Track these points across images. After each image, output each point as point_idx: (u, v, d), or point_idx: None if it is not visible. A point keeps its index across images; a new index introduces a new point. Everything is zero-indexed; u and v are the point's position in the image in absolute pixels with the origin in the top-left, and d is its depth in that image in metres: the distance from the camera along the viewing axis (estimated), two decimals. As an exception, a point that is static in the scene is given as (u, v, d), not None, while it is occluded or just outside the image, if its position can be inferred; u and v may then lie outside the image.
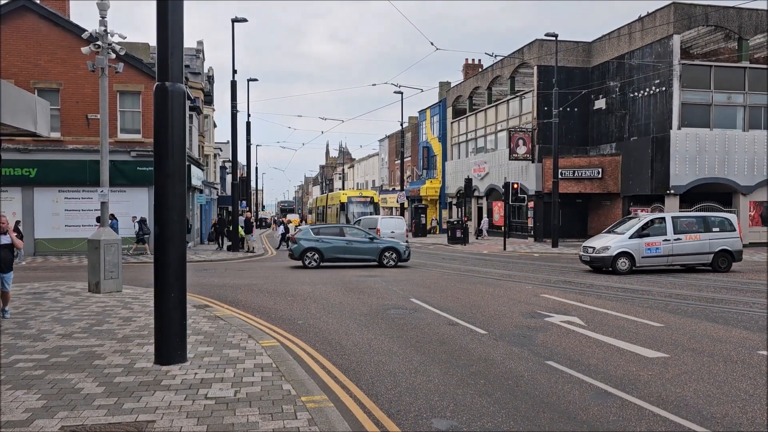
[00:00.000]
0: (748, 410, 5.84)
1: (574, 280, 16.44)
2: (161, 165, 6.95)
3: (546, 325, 10.03)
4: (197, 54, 41.12)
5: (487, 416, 5.68)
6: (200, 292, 13.89)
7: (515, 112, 36.63)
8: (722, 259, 18.23)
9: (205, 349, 7.78)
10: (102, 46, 15.07)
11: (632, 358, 7.84)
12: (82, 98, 24.48)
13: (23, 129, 8.07)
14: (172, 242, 6.95)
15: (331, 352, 8.18)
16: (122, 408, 5.47)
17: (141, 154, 24.93)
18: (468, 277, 17.48)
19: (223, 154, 58.11)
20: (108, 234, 13.45)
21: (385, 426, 5.44)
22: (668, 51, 27.66)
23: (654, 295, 13.51)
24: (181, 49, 7.03)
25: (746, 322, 10.20)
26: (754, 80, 28.58)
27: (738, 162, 28.26)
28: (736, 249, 18.27)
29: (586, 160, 32.34)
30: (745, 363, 7.57)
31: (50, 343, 8.04)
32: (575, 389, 6.49)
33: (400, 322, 10.33)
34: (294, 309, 11.73)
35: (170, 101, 6.92)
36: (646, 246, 17.82)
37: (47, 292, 13.16)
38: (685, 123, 27.77)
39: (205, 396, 5.84)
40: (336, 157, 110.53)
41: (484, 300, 12.77)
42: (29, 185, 24.44)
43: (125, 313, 10.43)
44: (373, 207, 39.63)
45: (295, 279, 16.94)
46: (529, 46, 34.50)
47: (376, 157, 75.37)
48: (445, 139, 48.32)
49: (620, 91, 31.33)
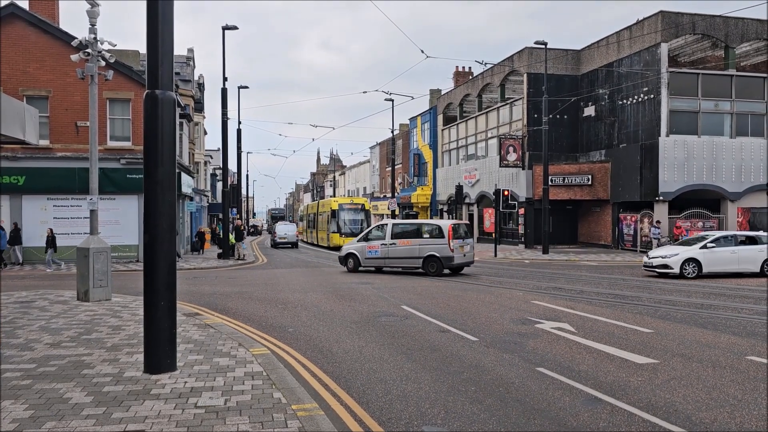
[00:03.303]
0: (737, 415, 5.88)
1: (564, 287, 16.51)
2: (151, 172, 6.93)
3: (536, 331, 10.06)
4: (188, 61, 41.11)
5: (477, 423, 5.68)
6: (190, 300, 13.82)
7: (505, 120, 36.82)
8: (431, 264, 20.15)
9: (195, 357, 7.73)
10: (92, 53, 15.01)
11: (622, 364, 7.88)
12: (72, 105, 24.36)
13: (12, 137, 8.03)
14: (162, 250, 6.92)
15: (322, 360, 8.16)
16: (111, 418, 5.43)
17: (131, 162, 24.82)
18: (458, 284, 17.50)
19: (214, 162, 58.01)
20: (97, 242, 13.36)
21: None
22: (656, 59, 27.92)
23: (643, 301, 13.58)
24: (171, 56, 7.03)
25: (734, 328, 10.28)
26: (741, 88, 28.89)
27: (726, 169, 28.52)
28: (444, 255, 19.95)
29: (576, 167, 32.53)
30: (733, 368, 7.62)
31: (38, 353, 7.97)
32: (566, 396, 6.51)
33: (391, 329, 10.33)
34: (285, 317, 11.70)
35: (160, 109, 6.92)
36: (368, 249, 21.40)
37: (35, 300, 13.04)
38: (673, 130, 28.01)
39: (195, 405, 5.81)
40: (327, 164, 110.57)
41: (475, 307, 12.79)
42: (17, 193, 24.26)
43: (114, 322, 10.36)
44: (364, 214, 39.60)
45: (286, 287, 16.90)
46: (519, 54, 34.73)
47: (367, 164, 75.46)
48: (436, 146, 48.46)
49: (609, 98, 31.59)
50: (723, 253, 19.04)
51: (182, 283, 16.65)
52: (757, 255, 19.09)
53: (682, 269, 18.87)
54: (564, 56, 34.18)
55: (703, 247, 19.11)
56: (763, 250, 19.05)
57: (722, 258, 19.00)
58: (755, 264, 19.04)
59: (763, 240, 19.40)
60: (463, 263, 20.75)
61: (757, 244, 19.27)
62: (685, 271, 18.86)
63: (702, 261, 18.91)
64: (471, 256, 21.28)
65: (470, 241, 21.30)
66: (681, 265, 18.88)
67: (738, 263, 19.01)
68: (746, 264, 19.03)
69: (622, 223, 30.56)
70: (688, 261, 18.92)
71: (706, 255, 18.97)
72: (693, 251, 19.11)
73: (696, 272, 18.87)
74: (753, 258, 19.07)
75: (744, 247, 19.23)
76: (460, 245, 20.33)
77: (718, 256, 19.00)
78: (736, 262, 19.01)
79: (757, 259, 19.05)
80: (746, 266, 19.04)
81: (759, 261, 19.03)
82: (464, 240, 20.73)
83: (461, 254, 20.39)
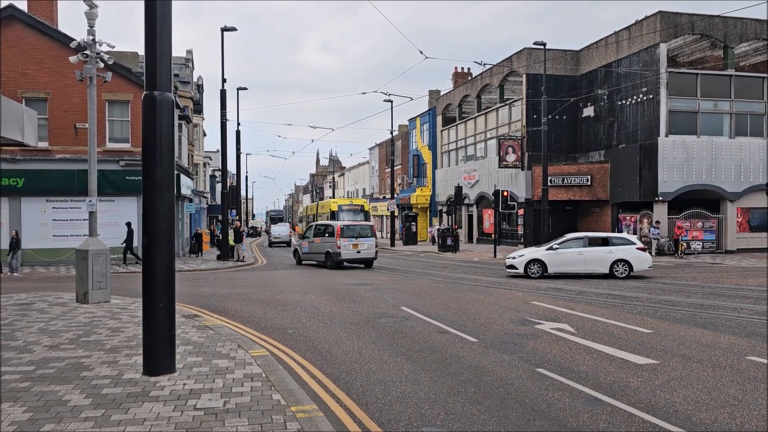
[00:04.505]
0: (737, 416, 5.87)
1: (563, 287, 16.49)
2: (149, 174, 6.92)
3: (536, 332, 10.05)
4: (186, 63, 41.07)
5: (477, 424, 5.66)
6: (190, 301, 13.80)
7: (504, 120, 36.82)
8: (328, 258, 24.00)
9: (194, 359, 7.72)
10: (90, 55, 14.99)
11: (622, 364, 7.86)
12: (71, 107, 24.36)
13: (10, 139, 8.02)
14: (161, 251, 6.91)
15: (321, 361, 8.14)
16: (110, 420, 5.41)
17: (130, 164, 24.81)
18: (458, 284, 17.49)
19: (213, 163, 57.98)
20: (96, 244, 13.34)
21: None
22: (655, 59, 27.94)
23: (643, 302, 13.57)
24: (169, 58, 7.02)
25: (734, 328, 10.27)
26: (740, 88, 28.93)
27: (725, 169, 28.53)
28: (333, 251, 23.37)
29: (575, 167, 32.53)
30: (733, 369, 7.61)
31: (37, 355, 7.95)
32: (566, 396, 6.50)
33: (391, 330, 10.31)
34: (284, 318, 11.68)
35: (158, 110, 6.91)
36: (303, 245, 25.77)
37: (34, 303, 13.02)
38: (672, 130, 28.02)
39: (194, 407, 5.79)
40: (326, 165, 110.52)
41: (475, 307, 12.78)
42: (16, 195, 24.24)
43: (113, 324, 10.34)
44: (364, 215, 39.61)
45: (286, 288, 16.88)
46: (518, 54, 34.75)
47: (366, 166, 75.41)
48: (435, 147, 48.46)
49: (608, 98, 31.59)
50: (569, 254, 19.33)
51: (181, 285, 16.64)
52: (606, 256, 19.07)
53: (527, 269, 19.40)
54: (563, 57, 34.19)
55: (550, 248, 19.61)
56: (613, 251, 19.05)
57: (568, 259, 19.34)
58: (604, 265, 19.05)
59: (615, 242, 19.54)
60: (353, 259, 23.74)
61: (609, 245, 19.35)
62: (529, 271, 19.37)
63: (547, 262, 19.36)
64: (370, 253, 23.98)
65: (368, 241, 24.01)
66: (525, 265, 19.46)
67: (585, 264, 19.20)
68: (594, 265, 19.13)
69: (622, 223, 30.55)
70: (532, 262, 19.47)
71: (551, 256, 19.38)
72: (539, 252, 19.74)
73: (540, 272, 19.32)
74: (601, 259, 19.12)
75: (592, 249, 19.33)
76: (353, 243, 23.49)
77: (564, 257, 19.33)
78: (583, 263, 19.21)
79: (606, 261, 19.05)
80: (594, 267, 19.14)
81: (608, 262, 19.02)
82: (358, 239, 23.70)
83: (353, 251, 23.53)
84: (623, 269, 18.85)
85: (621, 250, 19.03)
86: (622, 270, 18.84)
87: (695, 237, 28.40)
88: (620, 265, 18.87)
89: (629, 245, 19.17)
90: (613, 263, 18.93)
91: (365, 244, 23.76)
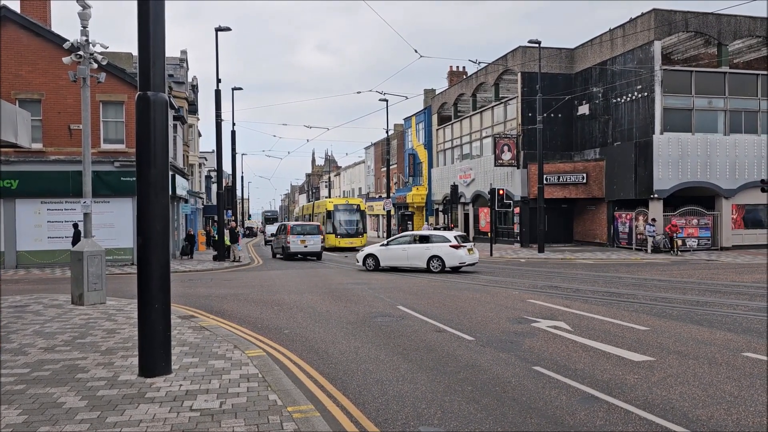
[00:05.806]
0: (733, 412, 5.88)
1: (560, 285, 16.51)
2: (144, 174, 6.89)
3: (533, 330, 10.05)
4: (181, 63, 40.99)
5: (474, 423, 5.66)
6: (186, 302, 13.77)
7: (500, 119, 36.84)
8: (286, 252, 28.93)
9: (190, 360, 7.69)
10: (84, 55, 14.94)
11: (618, 361, 7.87)
12: (65, 108, 24.26)
13: (4, 141, 7.98)
14: (156, 252, 6.88)
15: (318, 361, 8.13)
16: (105, 422, 5.39)
17: (125, 165, 24.71)
18: (454, 283, 17.49)
19: (209, 164, 57.83)
20: (91, 245, 13.29)
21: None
22: (649, 57, 27.99)
23: (639, 299, 13.59)
24: (162, 58, 6.99)
25: (730, 324, 10.29)
26: (734, 85, 29.01)
27: (720, 166, 28.62)
28: (284, 245, 28.68)
29: (571, 165, 32.58)
30: (729, 365, 7.63)
31: (32, 357, 7.92)
32: (562, 394, 6.50)
33: (387, 329, 10.30)
34: (280, 318, 11.66)
35: (152, 110, 6.88)
36: (275, 241, 31.14)
37: (29, 304, 12.97)
38: (667, 128, 28.09)
39: (190, 408, 5.77)
40: (322, 165, 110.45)
41: (471, 306, 12.78)
42: (11, 197, 24.13)
43: (109, 325, 10.30)
44: (360, 214, 39.57)
45: (282, 288, 16.85)
46: (513, 53, 34.75)
47: (362, 165, 75.35)
48: (431, 146, 48.45)
49: (603, 96, 31.65)
50: (396, 250, 21.50)
51: (177, 286, 16.61)
52: (424, 252, 20.83)
53: (365, 263, 22.04)
54: (558, 55, 34.22)
55: (384, 245, 22.04)
56: (430, 248, 20.77)
57: (395, 255, 21.50)
58: (422, 260, 20.82)
59: (433, 239, 21.30)
60: (301, 252, 28.66)
61: (428, 242, 21.11)
62: (366, 265, 21.96)
63: (379, 257, 21.77)
64: (316, 248, 28.88)
65: (315, 238, 28.73)
66: (363, 259, 22.13)
67: (407, 260, 21.21)
68: (415, 260, 21.02)
69: (618, 221, 30.62)
70: (368, 256, 22.05)
71: (383, 252, 21.75)
72: (374, 248, 22.26)
73: (374, 266, 21.75)
74: (420, 255, 20.92)
75: (414, 246, 21.29)
76: (300, 239, 28.53)
77: (392, 253, 21.55)
78: (406, 259, 21.24)
79: (424, 256, 20.80)
80: (415, 262, 21.02)
81: (425, 258, 20.75)
82: (305, 236, 28.55)
83: (302, 246, 28.53)
84: (437, 264, 20.52)
85: (436, 247, 20.72)
86: (436, 265, 20.51)
87: (690, 234, 28.48)
88: (435, 260, 20.55)
89: (443, 243, 20.75)
90: (429, 259, 20.54)
91: (311, 241, 28.59)
